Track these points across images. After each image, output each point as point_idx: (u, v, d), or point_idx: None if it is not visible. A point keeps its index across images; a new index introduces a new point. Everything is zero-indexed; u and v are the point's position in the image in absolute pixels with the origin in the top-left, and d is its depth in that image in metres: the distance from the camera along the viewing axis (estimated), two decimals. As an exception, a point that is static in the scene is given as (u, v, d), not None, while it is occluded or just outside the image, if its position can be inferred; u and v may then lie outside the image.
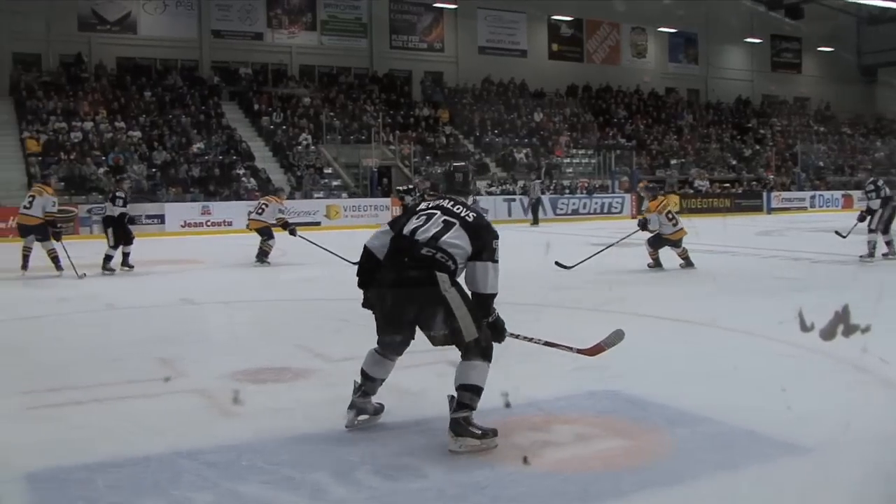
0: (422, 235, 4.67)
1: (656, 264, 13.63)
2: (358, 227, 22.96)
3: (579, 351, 5.07)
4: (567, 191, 33.75)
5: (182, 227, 25.27)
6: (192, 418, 5.28)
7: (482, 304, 4.66)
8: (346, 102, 35.90)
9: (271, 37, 37.64)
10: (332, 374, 6.36)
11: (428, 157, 34.13)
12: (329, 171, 31.40)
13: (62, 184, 25.29)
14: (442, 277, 4.52)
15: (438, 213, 4.81)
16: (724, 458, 4.42)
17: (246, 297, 11.60)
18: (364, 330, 8.19)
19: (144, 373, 6.48)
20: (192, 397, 5.70)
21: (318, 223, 26.43)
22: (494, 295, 4.70)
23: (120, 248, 14.29)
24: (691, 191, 36.22)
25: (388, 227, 4.94)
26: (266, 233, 15.39)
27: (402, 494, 3.99)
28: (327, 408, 5.34)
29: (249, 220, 15.87)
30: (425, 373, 6.21)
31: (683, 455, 4.46)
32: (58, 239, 13.73)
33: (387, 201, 28.67)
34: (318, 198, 28.87)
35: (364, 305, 4.86)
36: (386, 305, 4.74)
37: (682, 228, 13.46)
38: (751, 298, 10.35)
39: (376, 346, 4.93)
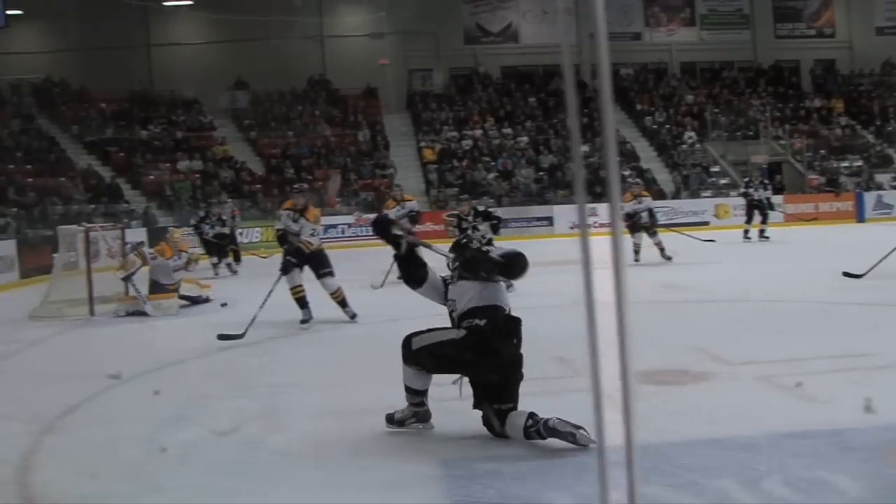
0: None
1: None
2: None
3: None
4: None
5: (570, 228, 25.75)
6: (586, 418, 5.34)
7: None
8: (730, 98, 34.83)
9: (650, 36, 37.54)
10: (731, 379, 6.18)
11: (822, 151, 32.08)
12: (716, 169, 30.71)
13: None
14: None
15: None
16: None
17: (637, 297, 11.56)
18: (764, 334, 7.95)
19: (542, 371, 6.64)
20: (590, 396, 5.76)
21: (706, 223, 25.89)
22: None
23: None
24: None
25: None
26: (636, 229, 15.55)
27: (814, 510, 3.78)
28: (728, 412, 5.21)
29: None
30: (834, 380, 5.89)
31: None
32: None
33: (778, 199, 27.24)
34: (705, 197, 28.39)
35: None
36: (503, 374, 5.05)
37: None
38: None
39: (421, 366, 5.14)
